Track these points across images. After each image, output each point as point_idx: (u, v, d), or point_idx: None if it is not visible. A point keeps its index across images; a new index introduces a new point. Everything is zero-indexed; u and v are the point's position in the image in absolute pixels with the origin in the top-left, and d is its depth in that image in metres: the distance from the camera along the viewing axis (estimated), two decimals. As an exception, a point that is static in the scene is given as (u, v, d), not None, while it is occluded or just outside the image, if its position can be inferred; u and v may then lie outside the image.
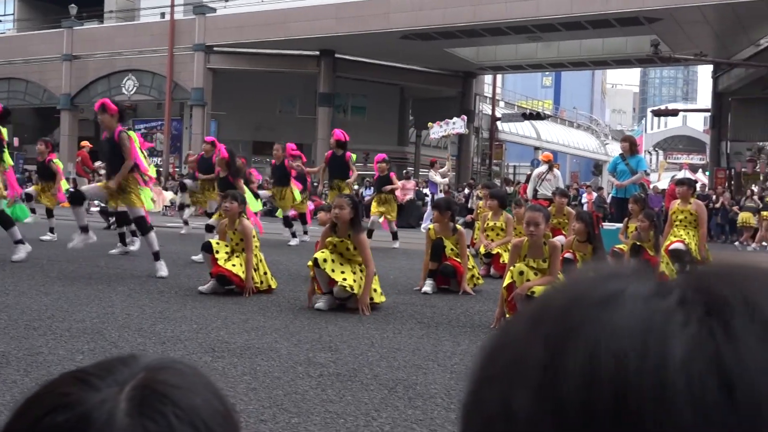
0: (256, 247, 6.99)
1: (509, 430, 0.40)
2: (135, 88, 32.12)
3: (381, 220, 12.29)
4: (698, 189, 20.26)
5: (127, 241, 9.74)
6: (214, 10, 30.68)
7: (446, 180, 18.95)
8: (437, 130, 20.73)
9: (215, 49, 30.16)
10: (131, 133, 7.92)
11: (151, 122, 33.35)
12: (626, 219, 9.53)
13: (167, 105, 30.77)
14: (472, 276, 7.53)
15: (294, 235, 12.12)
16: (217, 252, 6.83)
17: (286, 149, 12.21)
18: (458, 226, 7.66)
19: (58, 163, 11.64)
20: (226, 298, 6.48)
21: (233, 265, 6.74)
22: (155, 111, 33.54)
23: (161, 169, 25.37)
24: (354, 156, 12.08)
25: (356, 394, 3.65)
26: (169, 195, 13.09)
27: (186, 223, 13.04)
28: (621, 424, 0.36)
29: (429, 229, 7.60)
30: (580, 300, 0.41)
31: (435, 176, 18.67)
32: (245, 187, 9.85)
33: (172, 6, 30.53)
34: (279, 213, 12.81)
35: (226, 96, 30.95)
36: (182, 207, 13.22)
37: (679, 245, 9.48)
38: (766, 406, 0.35)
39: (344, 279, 6.01)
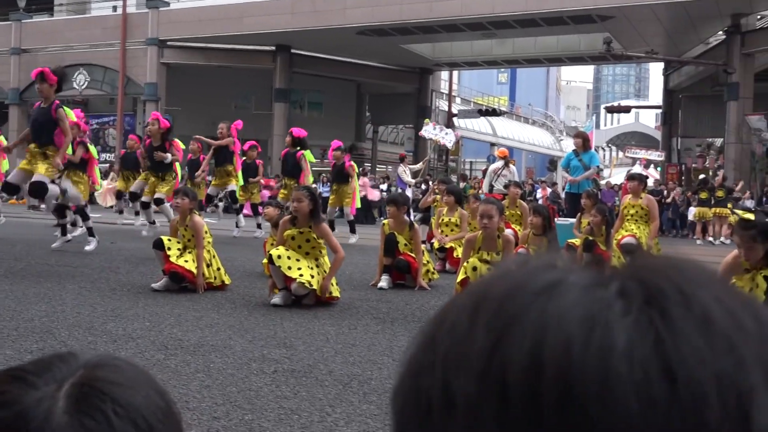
0: (208, 242, 6.93)
1: (450, 418, 0.40)
2: (86, 83, 31.53)
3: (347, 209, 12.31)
4: (650, 184, 20.68)
5: (67, 228, 9.58)
6: (167, 3, 30.25)
7: (413, 181, 18.76)
8: (429, 130, 20.39)
9: (169, 43, 29.75)
10: (68, 111, 7.92)
11: (104, 117, 32.76)
12: (579, 214, 9.67)
13: (120, 100, 30.28)
14: (427, 271, 7.56)
15: (237, 225, 12.05)
16: (169, 249, 6.76)
17: (231, 129, 12.16)
18: (413, 222, 7.69)
19: (1, 139, 11.52)
20: (179, 296, 6.41)
21: (185, 261, 6.68)
22: (108, 106, 32.98)
23: (115, 166, 24.96)
24: (308, 153, 12.00)
25: (311, 390, 3.65)
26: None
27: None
28: (566, 411, 0.36)
29: (384, 224, 7.62)
30: (521, 288, 0.42)
31: (404, 172, 18.37)
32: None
33: (125, -1, 30.07)
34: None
35: (180, 91, 30.55)
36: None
37: (630, 240, 9.66)
38: (706, 393, 0.36)
39: (301, 275, 5.99)
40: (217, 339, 4.74)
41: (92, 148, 10.07)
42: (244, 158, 12.71)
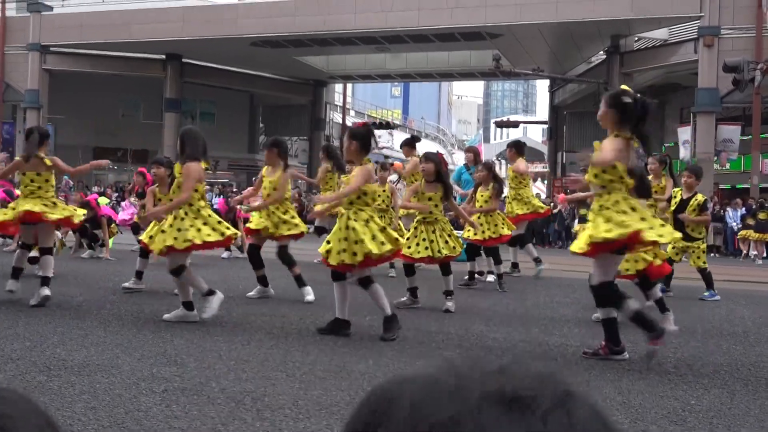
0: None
1: None
2: (-39, 89, 29.90)
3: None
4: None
5: None
6: (50, 8, 29.04)
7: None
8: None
9: (52, 49, 28.59)
10: None
11: (-20, 125, 31.09)
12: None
13: (-2, 107, 28.88)
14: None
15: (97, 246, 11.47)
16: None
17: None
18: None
19: None
20: (63, 312, 6.14)
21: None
22: (-15, 113, 31.36)
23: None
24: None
25: (202, 409, 3.57)
26: None
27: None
28: None
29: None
30: None
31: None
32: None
33: (3, 2, 28.70)
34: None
35: (64, 99, 29.39)
36: None
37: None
38: None
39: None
40: (104, 358, 4.57)
41: None
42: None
